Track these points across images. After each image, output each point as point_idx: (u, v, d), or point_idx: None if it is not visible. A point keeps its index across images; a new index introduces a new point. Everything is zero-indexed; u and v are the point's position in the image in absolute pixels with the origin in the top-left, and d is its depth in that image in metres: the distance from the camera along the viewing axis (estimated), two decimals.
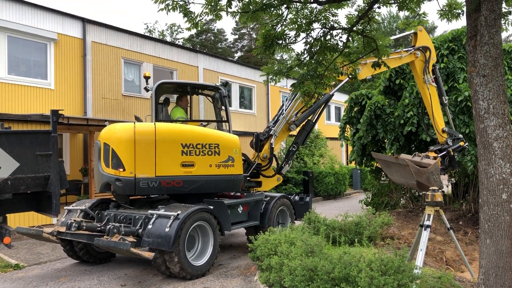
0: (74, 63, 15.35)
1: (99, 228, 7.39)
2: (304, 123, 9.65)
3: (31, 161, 5.50)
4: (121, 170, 7.49)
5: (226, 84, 9.60)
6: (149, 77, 9.12)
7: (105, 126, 8.28)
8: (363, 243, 7.45)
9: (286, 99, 9.82)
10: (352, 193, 22.38)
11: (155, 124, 7.87)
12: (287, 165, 10.07)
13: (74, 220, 7.52)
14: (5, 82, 13.33)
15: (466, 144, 9.04)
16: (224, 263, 8.17)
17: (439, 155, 8.47)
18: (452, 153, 8.70)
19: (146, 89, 8.91)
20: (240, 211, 8.68)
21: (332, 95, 9.57)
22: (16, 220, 10.02)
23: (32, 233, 7.50)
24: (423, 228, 5.90)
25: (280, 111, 9.72)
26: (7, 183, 5.27)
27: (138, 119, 8.64)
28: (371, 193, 13.24)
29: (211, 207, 7.69)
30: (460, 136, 9.01)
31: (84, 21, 15.75)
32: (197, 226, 7.24)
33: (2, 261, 8.21)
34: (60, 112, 5.95)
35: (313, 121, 9.84)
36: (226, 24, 73.69)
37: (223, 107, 9.37)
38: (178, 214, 6.83)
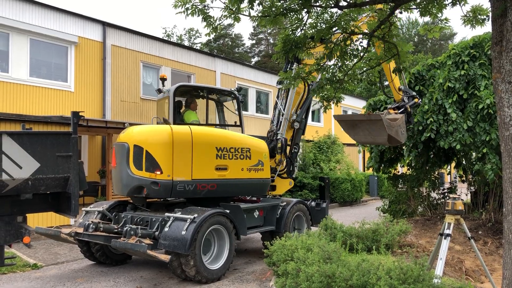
0: (94, 66, 15.55)
1: (116, 230, 7.43)
2: None
3: (52, 162, 5.53)
4: (158, 173, 7.44)
5: (239, 90, 9.68)
6: (165, 79, 9.10)
7: (124, 128, 8.35)
8: (380, 250, 7.35)
9: (278, 97, 9.87)
10: (369, 200, 22.16)
11: (190, 127, 7.95)
12: (295, 167, 10.24)
13: (92, 222, 7.58)
14: (27, 84, 13.56)
15: (420, 100, 9.69)
16: (240, 268, 8.14)
17: (399, 111, 8.85)
18: (409, 110, 9.16)
19: (160, 91, 8.84)
20: (256, 216, 8.66)
21: None
22: (35, 220, 10.14)
23: (50, 234, 7.57)
24: (443, 237, 5.79)
25: (278, 112, 9.74)
26: (27, 183, 5.32)
27: (166, 121, 8.69)
28: (388, 200, 13.08)
29: (227, 211, 7.68)
30: (414, 93, 9.55)
31: (105, 24, 15.97)
32: (213, 230, 7.24)
33: (21, 261, 8.31)
34: (80, 113, 5.99)
35: (305, 118, 10.02)
36: (244, 29, 73.97)
37: (236, 112, 9.45)
38: (194, 217, 6.83)
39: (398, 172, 13.17)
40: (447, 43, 46.33)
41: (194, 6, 5.96)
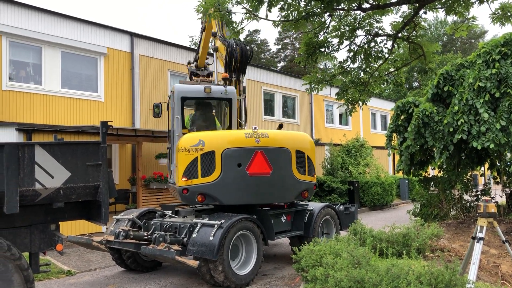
0: (123, 76, 15.88)
1: (146, 237, 7.54)
2: None
3: (82, 171, 5.66)
4: (315, 176, 8.64)
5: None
6: (228, 78, 8.81)
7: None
8: (411, 255, 7.21)
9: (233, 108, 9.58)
10: (400, 204, 21.76)
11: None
12: None
13: (122, 229, 7.71)
14: (58, 96, 13.96)
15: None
16: (269, 273, 8.12)
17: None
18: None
19: (210, 89, 8.32)
20: (283, 221, 8.63)
21: None
22: (68, 227, 10.40)
23: (82, 242, 7.76)
24: (476, 240, 5.62)
25: (236, 121, 9.28)
26: (59, 192, 5.46)
27: (281, 126, 8.88)
28: (420, 203, 12.80)
29: (254, 216, 7.68)
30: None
31: (132, 35, 16.30)
32: (240, 235, 7.25)
33: (56, 267, 8.53)
34: (109, 123, 6.11)
35: None
36: (269, 34, 74.21)
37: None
38: (221, 223, 6.87)
39: (429, 174, 12.88)
40: (478, 42, 45.21)
41: (216, 12, 6.04)
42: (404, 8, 6.24)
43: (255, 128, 7.97)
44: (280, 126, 8.81)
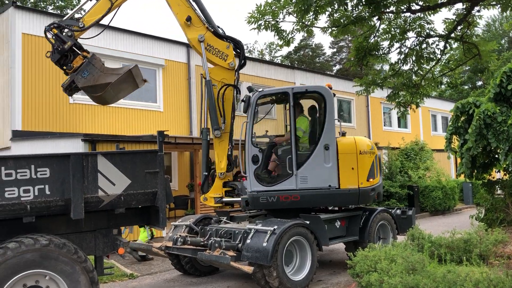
0: (180, 86, 16.43)
1: (202, 243, 7.74)
2: None
3: (141, 178, 5.96)
4: None
5: (250, 90, 9.25)
6: (331, 88, 9.02)
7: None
8: (472, 261, 6.91)
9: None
10: (463, 208, 20.82)
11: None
12: None
13: (180, 235, 8.00)
14: (120, 107, 14.67)
15: None
16: (324, 279, 8.09)
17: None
18: None
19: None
20: (337, 226, 8.56)
21: None
22: (134, 232, 10.89)
23: (143, 248, 8.13)
24: None
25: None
26: (120, 198, 5.79)
27: (343, 134, 9.11)
28: (484, 208, 12.20)
29: (307, 222, 7.69)
30: None
31: (189, 46, 16.81)
32: (294, 241, 7.28)
33: (119, 271, 8.96)
34: (165, 132, 6.39)
35: None
36: (324, 38, 73.64)
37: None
38: (274, 229, 6.92)
39: (493, 178, 12.26)
40: None
41: (267, 22, 6.18)
42: (458, 5, 6.05)
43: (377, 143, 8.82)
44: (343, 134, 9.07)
